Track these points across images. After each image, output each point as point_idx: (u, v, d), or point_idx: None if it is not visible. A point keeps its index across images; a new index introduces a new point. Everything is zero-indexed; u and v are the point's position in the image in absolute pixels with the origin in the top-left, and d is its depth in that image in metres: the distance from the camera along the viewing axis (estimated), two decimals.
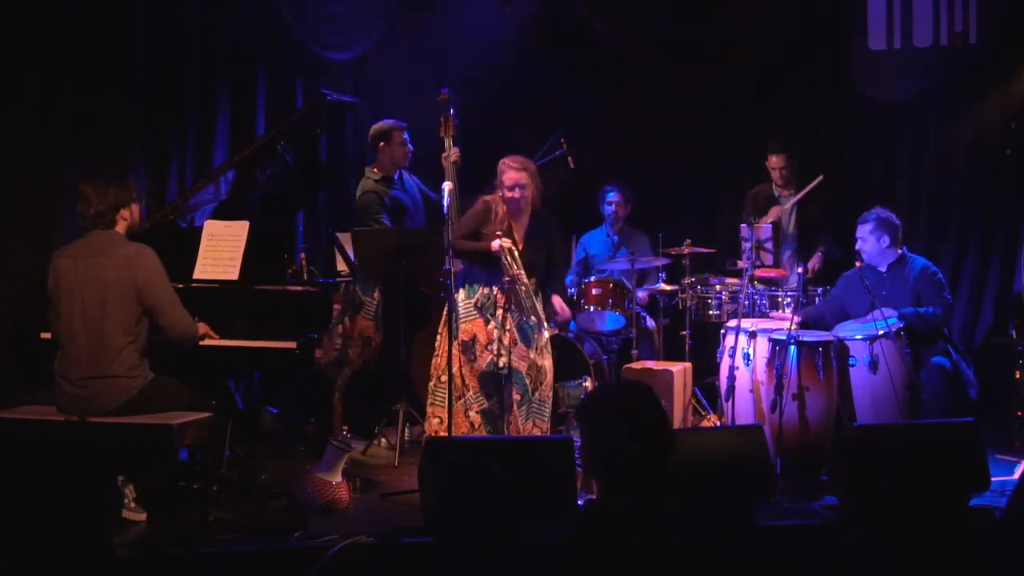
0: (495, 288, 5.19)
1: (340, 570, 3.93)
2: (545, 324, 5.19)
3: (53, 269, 4.37)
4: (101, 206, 4.36)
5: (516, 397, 5.18)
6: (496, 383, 5.20)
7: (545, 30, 7.35)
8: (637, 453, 2.55)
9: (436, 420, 5.19)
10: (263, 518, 4.61)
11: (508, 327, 5.16)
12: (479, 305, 5.21)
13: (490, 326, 5.18)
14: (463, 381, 5.16)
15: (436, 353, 5.28)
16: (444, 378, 5.13)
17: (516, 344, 5.18)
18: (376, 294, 5.84)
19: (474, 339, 5.19)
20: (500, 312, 5.16)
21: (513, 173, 5.21)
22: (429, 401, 5.26)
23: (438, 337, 5.28)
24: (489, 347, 5.15)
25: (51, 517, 4.09)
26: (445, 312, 5.19)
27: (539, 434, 5.16)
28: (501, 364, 5.13)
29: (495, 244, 5.11)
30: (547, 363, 5.28)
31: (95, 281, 4.29)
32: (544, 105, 7.32)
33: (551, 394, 5.33)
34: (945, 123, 7.04)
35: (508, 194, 5.22)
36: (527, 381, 5.20)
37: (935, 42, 6.93)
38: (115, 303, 4.28)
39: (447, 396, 5.04)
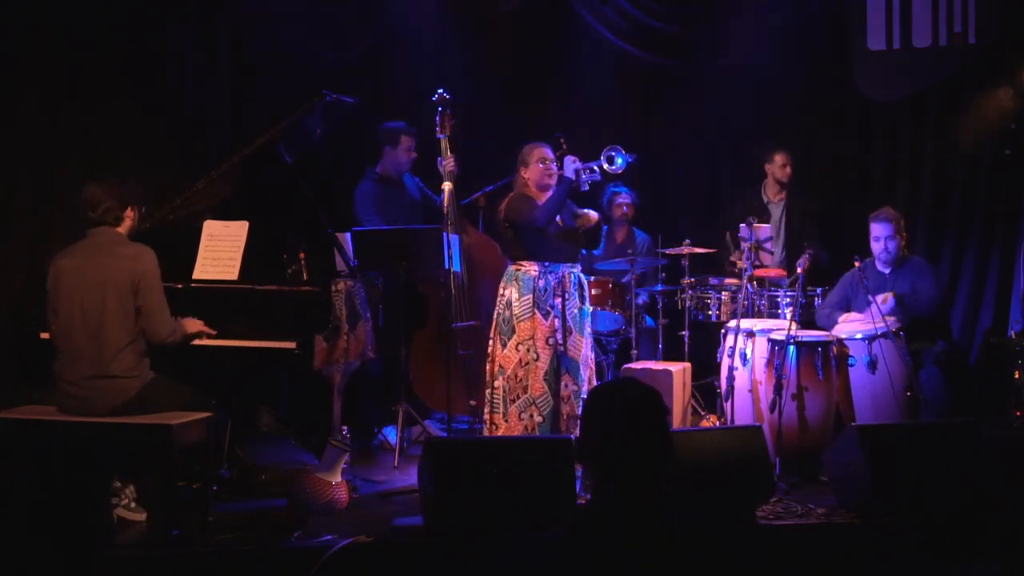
0: (551, 278, 5.11)
1: (340, 570, 3.94)
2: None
3: (54, 269, 4.37)
4: (110, 202, 4.39)
5: (573, 388, 5.11)
6: (557, 378, 5.08)
7: (544, 29, 7.34)
8: (638, 452, 2.54)
9: (493, 427, 5.13)
10: (263, 518, 4.61)
11: (566, 316, 5.09)
12: (537, 300, 5.09)
13: (549, 319, 5.08)
14: (519, 382, 5.06)
15: (488, 358, 5.21)
16: (497, 384, 5.10)
17: (571, 333, 5.11)
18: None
19: (533, 336, 5.07)
20: (559, 301, 5.08)
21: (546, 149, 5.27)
22: (488, 409, 5.18)
23: (490, 343, 5.21)
24: (549, 341, 5.06)
25: (50, 517, 4.09)
26: (496, 318, 5.17)
27: None
28: (561, 351, 5.06)
29: (569, 166, 5.13)
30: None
31: (96, 281, 4.30)
32: (543, 104, 7.30)
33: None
34: (944, 123, 7.03)
35: (543, 169, 5.23)
36: (583, 371, 5.15)
37: (934, 42, 6.92)
38: (115, 302, 4.30)
39: (502, 401, 5.05)
